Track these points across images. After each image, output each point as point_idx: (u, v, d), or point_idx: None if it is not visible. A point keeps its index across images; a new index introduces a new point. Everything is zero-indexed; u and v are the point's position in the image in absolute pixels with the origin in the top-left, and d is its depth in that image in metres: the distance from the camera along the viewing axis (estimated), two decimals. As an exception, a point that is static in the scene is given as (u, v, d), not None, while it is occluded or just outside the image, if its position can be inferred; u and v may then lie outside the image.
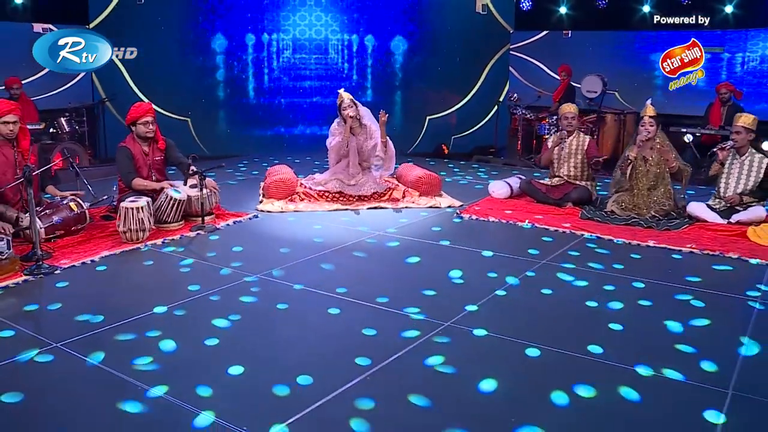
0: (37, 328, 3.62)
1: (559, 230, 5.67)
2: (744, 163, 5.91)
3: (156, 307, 3.84)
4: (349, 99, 6.72)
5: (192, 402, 2.76)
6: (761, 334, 3.54)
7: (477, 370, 3.09)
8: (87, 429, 2.60)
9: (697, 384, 2.99)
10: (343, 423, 2.62)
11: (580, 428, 2.63)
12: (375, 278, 4.46)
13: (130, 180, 5.59)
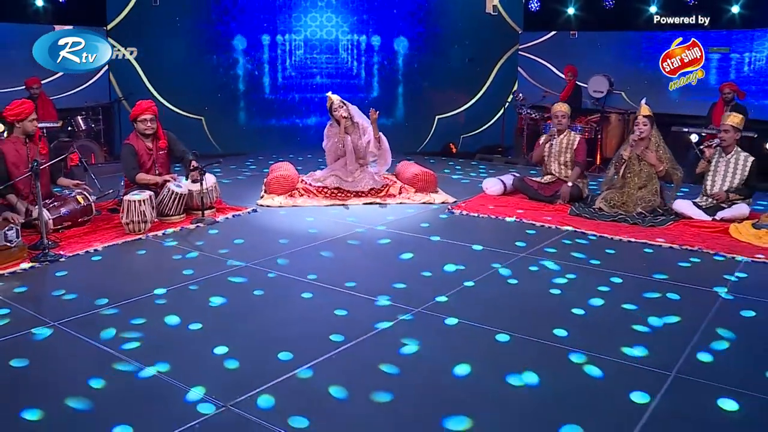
0: (37, 308, 3.95)
1: (544, 225, 5.88)
2: (730, 162, 6.07)
3: (155, 289, 4.16)
4: (339, 100, 6.99)
5: (183, 379, 3.06)
6: (720, 322, 3.73)
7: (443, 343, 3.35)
8: (83, 389, 2.90)
9: (641, 367, 3.21)
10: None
11: (545, 406, 2.87)
12: (357, 268, 4.73)
13: (133, 176, 5.93)
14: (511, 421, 2.73)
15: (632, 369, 3.18)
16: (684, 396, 2.94)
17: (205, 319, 3.74)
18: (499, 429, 2.67)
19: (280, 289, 4.27)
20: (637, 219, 5.97)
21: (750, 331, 3.67)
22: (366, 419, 2.72)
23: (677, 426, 2.71)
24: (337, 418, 2.72)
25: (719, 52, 9.88)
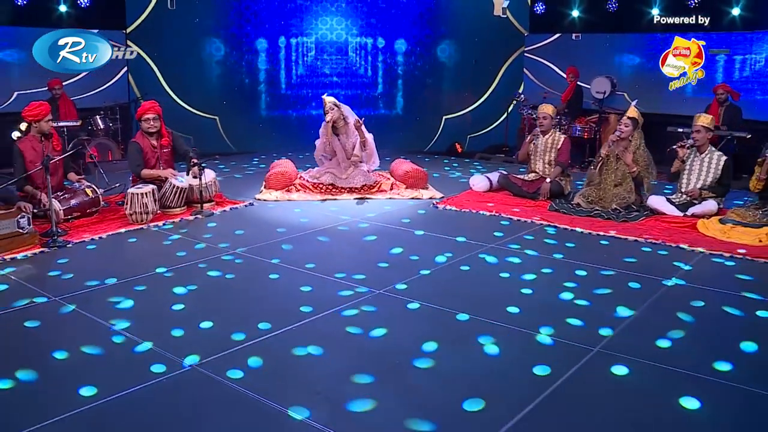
0: (45, 286, 4.48)
1: (520, 219, 6.29)
2: (704, 161, 6.40)
3: (149, 270, 4.68)
4: (331, 103, 7.45)
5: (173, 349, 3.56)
6: (656, 307, 4.11)
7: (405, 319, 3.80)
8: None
9: (568, 342, 3.62)
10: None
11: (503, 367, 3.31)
12: (341, 254, 5.20)
13: (138, 171, 6.48)
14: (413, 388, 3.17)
15: (561, 345, 3.59)
16: (595, 367, 3.34)
17: (192, 298, 4.24)
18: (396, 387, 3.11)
19: (248, 272, 4.76)
20: (611, 214, 6.33)
21: (693, 315, 4.04)
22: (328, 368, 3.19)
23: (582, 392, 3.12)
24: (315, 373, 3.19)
25: (720, 54, 10.14)
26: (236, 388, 3.06)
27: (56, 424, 2.75)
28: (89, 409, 2.88)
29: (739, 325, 3.88)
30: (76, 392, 3.01)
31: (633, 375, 3.23)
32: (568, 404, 2.96)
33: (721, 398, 3.02)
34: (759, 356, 3.45)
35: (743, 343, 3.57)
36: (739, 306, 4.13)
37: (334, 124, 7.43)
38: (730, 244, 5.56)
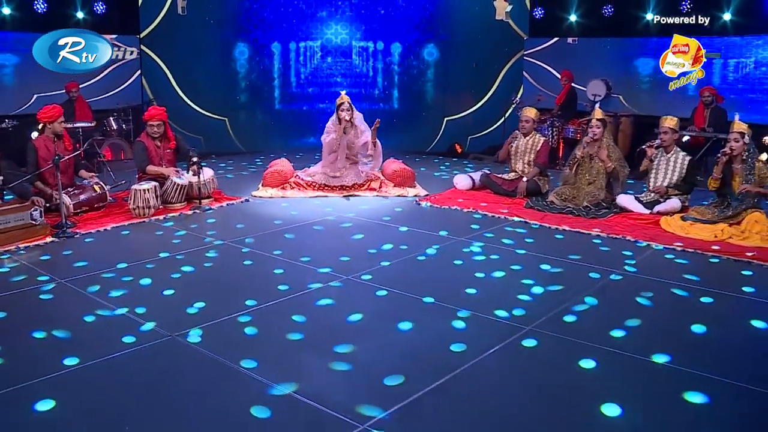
0: (53, 270, 5.12)
1: (495, 216, 6.83)
2: (670, 160, 6.90)
3: (145, 259, 5.32)
4: (348, 103, 8.04)
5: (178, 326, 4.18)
6: (595, 294, 4.65)
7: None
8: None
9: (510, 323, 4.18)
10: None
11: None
12: (318, 244, 5.79)
13: (143, 167, 7.14)
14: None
15: (499, 325, 4.13)
16: (516, 342, 3.89)
17: (180, 282, 4.86)
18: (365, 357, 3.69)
19: (224, 258, 5.38)
20: (582, 211, 6.85)
21: (611, 298, 4.56)
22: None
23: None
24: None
25: (712, 58, 10.57)
26: (200, 351, 3.67)
27: (66, 374, 3.36)
28: (100, 363, 3.49)
29: (647, 306, 4.40)
30: (71, 353, 3.63)
31: (543, 346, 3.77)
32: (489, 372, 3.51)
33: (613, 360, 3.57)
34: (642, 329, 4.00)
35: (630, 320, 4.13)
36: (655, 290, 4.65)
37: (345, 125, 8.00)
38: (684, 238, 6.05)
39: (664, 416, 3.08)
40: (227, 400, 3.17)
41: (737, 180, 6.32)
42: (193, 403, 3.15)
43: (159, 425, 2.96)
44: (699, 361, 3.59)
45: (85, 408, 3.12)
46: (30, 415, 3.01)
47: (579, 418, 3.07)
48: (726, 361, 3.61)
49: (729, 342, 3.90)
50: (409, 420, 3.01)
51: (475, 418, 3.05)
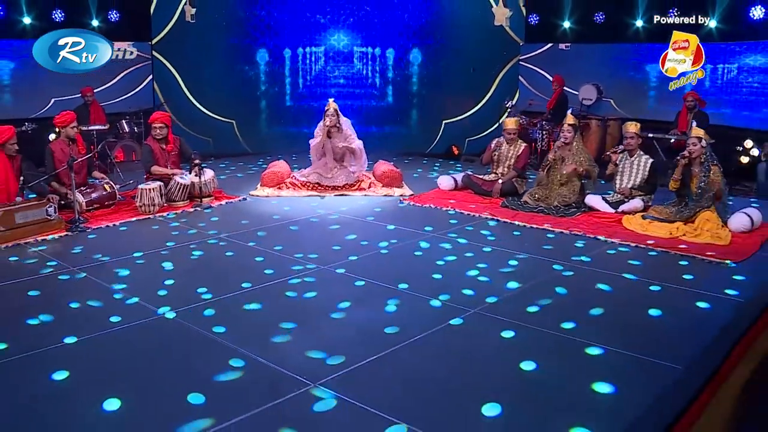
0: (68, 260, 5.92)
1: (471, 213, 7.55)
2: (634, 163, 7.56)
3: (143, 250, 6.10)
4: (334, 109, 8.80)
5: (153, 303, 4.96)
6: (540, 283, 5.34)
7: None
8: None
9: (456, 306, 4.89)
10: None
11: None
12: (304, 238, 6.55)
13: (149, 168, 7.94)
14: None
15: (452, 307, 4.85)
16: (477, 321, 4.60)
17: (178, 270, 5.64)
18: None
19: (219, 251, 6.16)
20: (552, 210, 7.53)
21: (533, 285, 5.26)
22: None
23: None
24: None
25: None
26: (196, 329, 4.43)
27: (78, 343, 4.13)
28: (90, 339, 4.26)
29: (572, 290, 5.09)
30: (83, 328, 4.40)
31: (473, 323, 4.49)
32: (428, 345, 4.23)
33: (529, 332, 4.28)
34: (556, 305, 4.75)
35: (543, 299, 4.83)
36: (591, 278, 5.34)
37: (330, 129, 8.77)
38: (642, 236, 6.72)
39: (570, 366, 3.82)
40: (208, 361, 3.92)
41: (695, 181, 6.96)
42: (180, 361, 3.91)
43: (172, 381, 3.71)
44: (599, 327, 4.31)
45: (100, 367, 3.89)
46: (59, 348, 3.78)
47: (503, 372, 3.78)
48: (620, 328, 4.33)
49: (625, 316, 4.62)
50: (351, 381, 3.73)
51: (411, 375, 3.78)
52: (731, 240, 6.50)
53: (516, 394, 3.60)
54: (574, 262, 5.88)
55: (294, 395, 3.53)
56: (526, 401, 3.52)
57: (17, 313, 4.65)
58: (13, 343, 4.15)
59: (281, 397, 3.50)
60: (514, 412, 3.40)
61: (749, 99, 10.63)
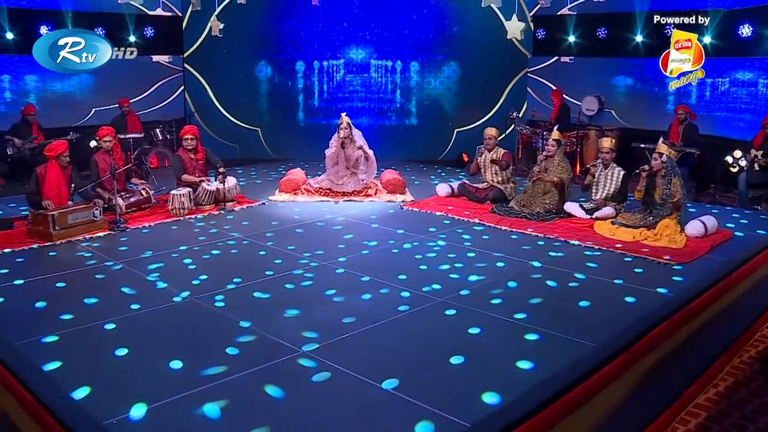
0: (111, 255, 7.30)
1: (461, 218, 8.78)
2: (608, 175, 8.72)
3: (177, 247, 7.47)
4: (347, 123, 10.09)
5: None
6: (504, 278, 6.55)
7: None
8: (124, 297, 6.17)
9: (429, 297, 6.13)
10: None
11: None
12: (309, 238, 7.85)
13: (180, 176, 9.32)
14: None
15: (424, 297, 6.09)
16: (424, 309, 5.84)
17: (201, 263, 6.98)
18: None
19: (254, 250, 7.48)
20: (533, 216, 8.71)
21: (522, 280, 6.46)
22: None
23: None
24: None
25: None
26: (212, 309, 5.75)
27: (117, 320, 5.47)
28: (133, 315, 5.60)
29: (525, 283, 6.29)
30: (128, 307, 5.75)
31: (444, 309, 5.73)
32: (400, 324, 5.47)
33: (466, 313, 5.51)
34: (505, 295, 5.88)
35: (495, 290, 6.02)
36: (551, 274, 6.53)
37: (343, 140, 10.07)
38: (610, 240, 7.87)
39: (509, 343, 5.03)
40: (218, 334, 5.22)
41: (658, 192, 8.10)
42: (201, 336, 5.23)
43: (193, 349, 5.02)
44: (544, 318, 5.50)
45: (139, 337, 5.22)
46: (106, 344, 5.13)
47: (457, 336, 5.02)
48: (551, 315, 5.52)
49: (559, 305, 5.81)
50: (334, 349, 4.98)
51: (384, 343, 5.04)
52: (686, 244, 7.62)
53: (468, 351, 4.82)
54: (542, 261, 7.07)
55: (285, 359, 4.82)
56: (475, 357, 4.75)
57: (75, 294, 6.03)
58: (78, 317, 5.51)
59: (275, 359, 4.79)
60: (471, 362, 4.66)
61: (739, 110, 11.69)
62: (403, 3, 14.22)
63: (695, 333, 5.99)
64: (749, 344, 6.21)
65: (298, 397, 4.27)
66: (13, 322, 5.44)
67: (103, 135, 8.97)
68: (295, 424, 3.96)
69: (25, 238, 7.83)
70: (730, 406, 5.15)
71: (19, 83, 12.48)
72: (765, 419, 4.96)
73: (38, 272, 6.71)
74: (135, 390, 4.28)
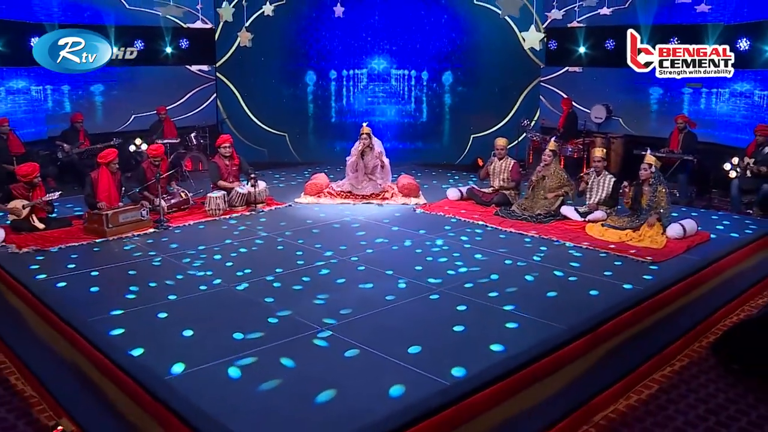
0: (157, 249, 8.66)
1: (466, 219, 10.02)
2: (600, 182, 9.90)
3: (215, 243, 8.81)
4: (367, 133, 11.39)
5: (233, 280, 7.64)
6: (491, 270, 7.78)
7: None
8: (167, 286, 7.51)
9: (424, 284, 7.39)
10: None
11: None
12: (327, 236, 9.14)
13: (216, 181, 10.69)
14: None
15: (423, 287, 7.34)
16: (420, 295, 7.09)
17: (236, 256, 8.31)
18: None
19: (286, 246, 8.81)
20: (533, 218, 9.91)
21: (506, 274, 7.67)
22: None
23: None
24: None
25: (694, 87, 13.37)
26: (241, 294, 7.07)
27: (168, 300, 6.80)
28: (180, 298, 6.94)
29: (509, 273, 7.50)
30: (176, 290, 7.09)
31: (441, 298, 6.97)
32: (407, 308, 6.73)
33: (449, 295, 6.75)
34: (488, 284, 7.10)
35: (481, 279, 7.24)
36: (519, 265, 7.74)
37: (364, 149, 11.36)
38: (599, 240, 9.05)
39: (492, 330, 6.23)
40: (251, 313, 6.52)
41: (645, 198, 9.25)
42: (236, 313, 6.54)
43: (225, 325, 6.31)
44: (533, 308, 6.70)
45: (185, 316, 6.55)
46: (156, 319, 6.47)
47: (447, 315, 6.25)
48: (527, 302, 6.73)
49: (534, 294, 7.01)
50: (345, 329, 6.25)
51: (389, 324, 6.29)
52: (665, 244, 8.77)
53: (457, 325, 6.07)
54: (530, 259, 8.28)
55: (307, 333, 6.11)
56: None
57: (131, 280, 7.40)
58: (136, 297, 6.87)
59: (299, 334, 6.08)
60: (458, 336, 5.89)
61: (737, 120, 12.78)
62: (422, 15, 15.50)
63: (660, 321, 7.14)
64: (710, 332, 7.33)
65: (312, 361, 5.54)
66: (82, 300, 6.80)
67: (154, 155, 10.33)
68: (309, 378, 5.22)
69: (82, 235, 9.23)
70: (681, 380, 6.31)
71: (67, 92, 13.94)
72: (706, 391, 6.11)
73: (99, 263, 8.09)
74: (177, 352, 5.60)
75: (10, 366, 6.46)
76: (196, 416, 4.58)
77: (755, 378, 6.24)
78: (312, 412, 4.76)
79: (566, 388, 5.80)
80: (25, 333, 6.89)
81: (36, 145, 12.93)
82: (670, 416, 5.66)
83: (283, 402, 4.91)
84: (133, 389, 5.17)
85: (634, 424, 5.59)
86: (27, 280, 7.42)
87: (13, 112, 12.63)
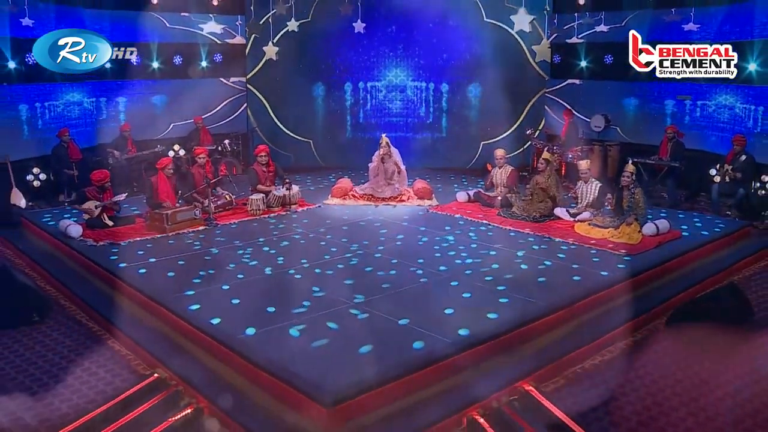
0: (208, 243, 10.77)
1: (472, 219, 12.09)
2: (588, 188, 11.94)
3: (257, 239, 10.92)
4: (386, 142, 13.49)
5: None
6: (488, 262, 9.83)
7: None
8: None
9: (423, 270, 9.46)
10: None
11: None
12: (353, 232, 11.22)
13: (255, 185, 12.83)
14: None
15: (435, 273, 9.40)
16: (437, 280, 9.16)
17: (278, 249, 10.42)
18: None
19: (315, 241, 10.91)
20: (530, 218, 11.96)
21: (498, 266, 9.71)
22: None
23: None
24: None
25: (683, 99, 15.33)
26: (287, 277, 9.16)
27: (229, 284, 8.89)
28: (238, 281, 9.03)
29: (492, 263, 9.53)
30: (234, 276, 9.17)
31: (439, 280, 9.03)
32: (421, 287, 8.79)
33: (455, 279, 8.79)
34: (486, 271, 9.14)
35: (483, 269, 9.28)
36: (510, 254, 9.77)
37: (383, 156, 13.46)
38: (585, 237, 11.07)
39: (490, 304, 8.27)
40: (296, 291, 8.59)
41: (625, 201, 11.28)
42: (284, 293, 8.63)
43: (280, 300, 8.38)
44: (522, 290, 8.72)
45: (241, 296, 8.63)
46: (224, 297, 8.56)
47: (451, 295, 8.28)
48: (519, 285, 8.75)
49: (525, 280, 9.03)
50: (372, 303, 8.30)
51: (407, 301, 8.35)
52: (640, 240, 10.78)
53: (456, 305, 8.11)
54: (526, 252, 10.32)
55: (341, 307, 8.18)
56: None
57: (196, 267, 9.48)
58: (202, 280, 8.95)
59: (334, 307, 8.16)
60: (457, 311, 7.94)
61: (722, 129, 14.71)
62: (437, 30, 17.52)
63: (628, 301, 9.06)
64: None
65: (347, 327, 7.61)
66: (160, 284, 8.91)
67: (198, 153, 12.50)
68: (345, 336, 7.30)
69: (145, 231, 11.36)
70: (636, 347, 8.32)
71: (114, 103, 16.10)
72: (657, 356, 8.10)
73: (167, 254, 10.20)
74: (247, 321, 7.61)
75: (106, 333, 8.55)
76: (267, 363, 6.68)
77: (697, 345, 8.21)
78: (354, 357, 6.80)
79: (549, 346, 7.83)
80: (113, 309, 8.93)
81: (88, 152, 15.00)
82: (623, 369, 7.68)
83: (333, 352, 6.98)
84: (216, 347, 7.29)
85: (596, 375, 7.61)
86: (112, 267, 9.56)
87: (72, 123, 14.76)
